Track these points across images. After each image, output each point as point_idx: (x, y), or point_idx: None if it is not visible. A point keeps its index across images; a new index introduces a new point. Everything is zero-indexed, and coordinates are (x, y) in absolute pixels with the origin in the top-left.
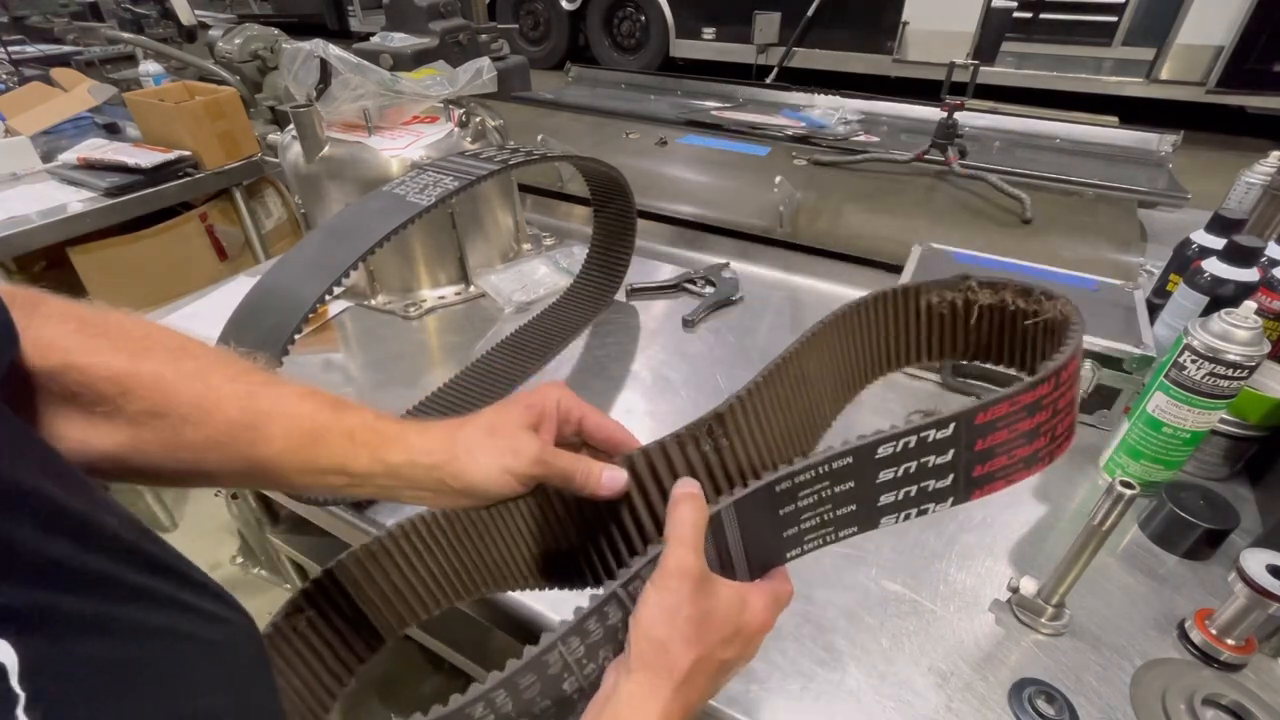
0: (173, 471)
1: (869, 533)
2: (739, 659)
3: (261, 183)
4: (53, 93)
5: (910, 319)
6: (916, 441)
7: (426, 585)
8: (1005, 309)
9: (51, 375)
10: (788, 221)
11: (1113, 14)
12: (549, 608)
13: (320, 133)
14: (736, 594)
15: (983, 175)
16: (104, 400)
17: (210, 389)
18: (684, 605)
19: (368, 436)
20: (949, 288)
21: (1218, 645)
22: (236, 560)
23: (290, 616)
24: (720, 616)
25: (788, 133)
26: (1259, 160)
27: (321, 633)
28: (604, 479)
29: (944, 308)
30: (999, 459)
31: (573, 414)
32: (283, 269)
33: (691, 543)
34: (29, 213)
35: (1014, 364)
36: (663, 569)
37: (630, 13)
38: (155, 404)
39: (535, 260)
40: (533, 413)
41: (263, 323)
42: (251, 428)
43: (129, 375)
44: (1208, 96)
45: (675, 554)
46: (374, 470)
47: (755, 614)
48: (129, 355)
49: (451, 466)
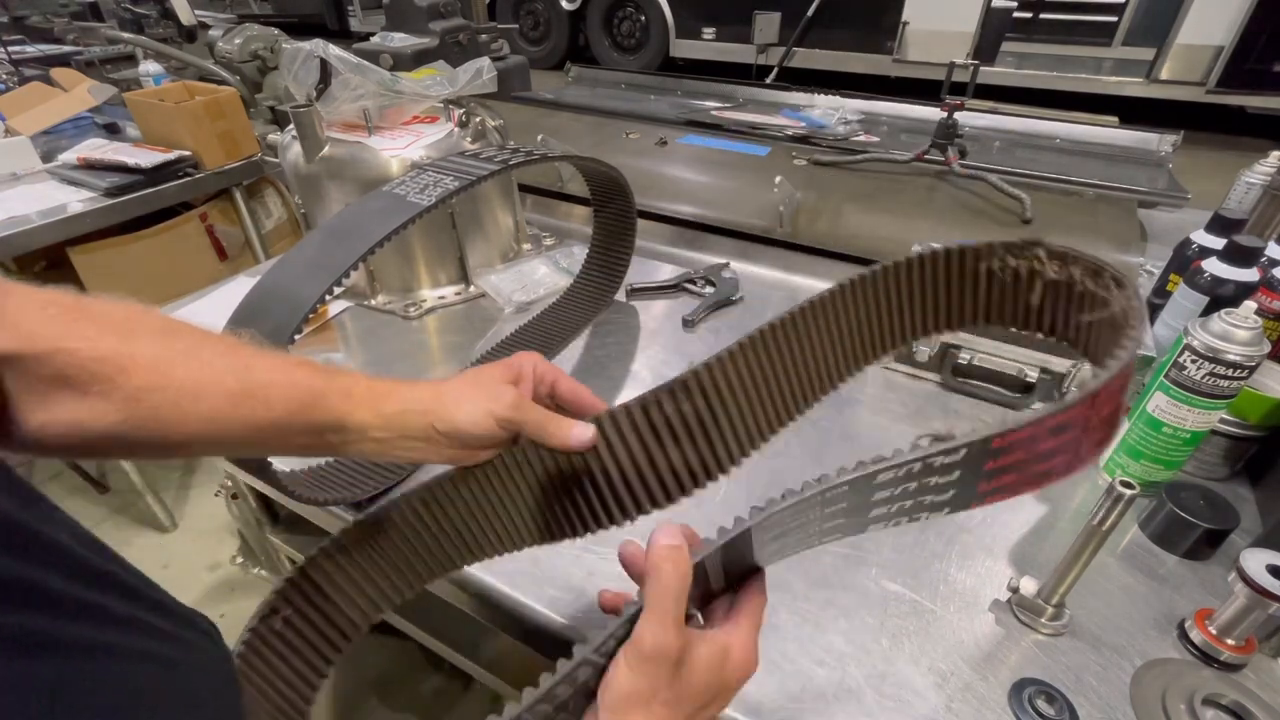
0: (175, 444)
1: (869, 533)
2: (720, 708)
3: (261, 183)
4: (53, 93)
5: (968, 283)
6: (921, 467)
7: (399, 569)
8: (1072, 288)
9: (38, 360)
10: (788, 221)
11: (1113, 14)
12: (548, 607)
13: (320, 133)
14: (718, 651)
15: (983, 175)
16: (99, 379)
17: (205, 364)
18: (660, 690)
19: (363, 393)
20: (1014, 253)
21: (1218, 645)
22: (236, 560)
23: (267, 619)
24: (699, 685)
25: (788, 133)
26: (1259, 160)
27: (299, 629)
28: (574, 431)
29: (1007, 274)
30: (1007, 476)
31: (547, 377)
32: (283, 269)
33: (673, 616)
34: (29, 213)
35: (1069, 343)
36: (639, 647)
37: (630, 13)
38: (153, 381)
39: (535, 260)
40: (511, 371)
41: (263, 323)
42: (250, 396)
43: (123, 355)
44: (1208, 96)
45: (653, 631)
46: (370, 423)
47: (737, 665)
48: (118, 336)
49: (440, 412)
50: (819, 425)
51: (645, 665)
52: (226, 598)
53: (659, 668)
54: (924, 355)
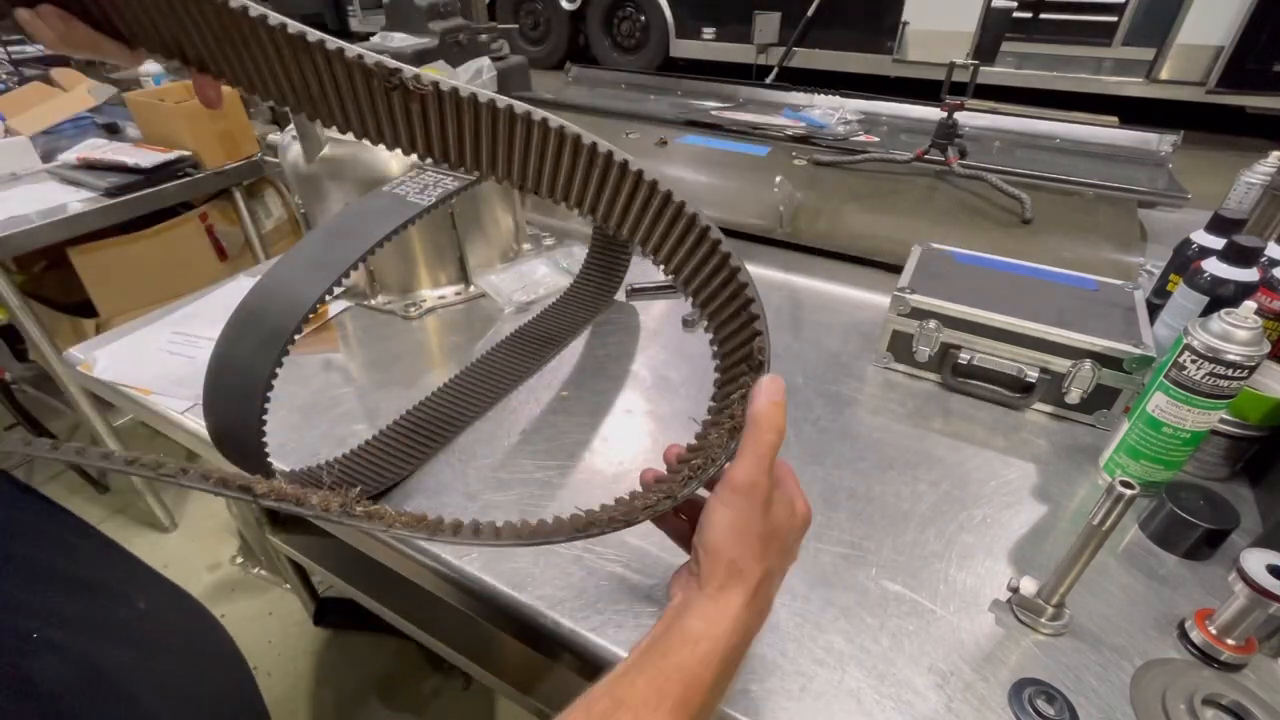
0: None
1: (869, 532)
2: (791, 560)
3: (261, 183)
4: (53, 93)
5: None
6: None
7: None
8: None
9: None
10: (788, 221)
11: (1113, 14)
12: (548, 607)
13: (320, 133)
14: (788, 501)
15: (983, 175)
16: None
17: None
18: (754, 523)
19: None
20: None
21: (1218, 645)
22: (236, 560)
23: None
24: (782, 528)
25: (788, 133)
26: (1259, 160)
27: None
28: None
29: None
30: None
31: None
32: (283, 269)
33: (767, 461)
34: (29, 213)
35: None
36: (733, 482)
37: (630, 13)
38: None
39: (535, 260)
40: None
41: (263, 323)
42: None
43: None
44: (1208, 96)
45: (746, 469)
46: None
47: (802, 516)
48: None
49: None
50: (819, 425)
51: (737, 498)
52: (227, 598)
53: (750, 501)
54: (924, 355)
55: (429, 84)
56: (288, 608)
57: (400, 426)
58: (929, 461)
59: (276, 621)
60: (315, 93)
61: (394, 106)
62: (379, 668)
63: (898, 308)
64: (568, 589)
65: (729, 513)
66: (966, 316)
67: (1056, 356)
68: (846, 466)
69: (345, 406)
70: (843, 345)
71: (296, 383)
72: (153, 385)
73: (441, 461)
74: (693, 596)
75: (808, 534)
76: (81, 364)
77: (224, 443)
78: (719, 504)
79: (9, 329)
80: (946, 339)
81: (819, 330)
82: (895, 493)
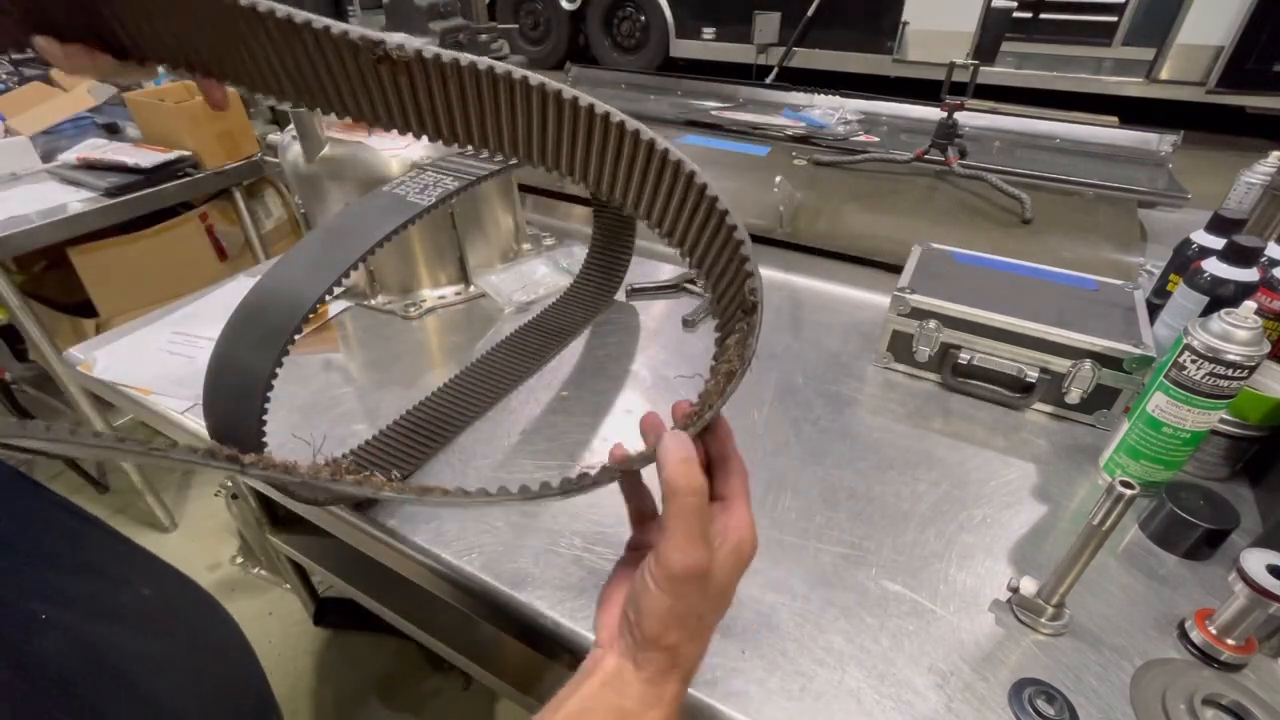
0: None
1: (869, 532)
2: (729, 603)
3: (261, 183)
4: (53, 92)
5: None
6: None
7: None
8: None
9: None
10: (788, 221)
11: (1113, 14)
12: (548, 607)
13: (320, 133)
14: (733, 547)
15: (983, 175)
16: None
17: None
18: (695, 605)
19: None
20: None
21: (1218, 645)
22: (236, 560)
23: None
24: (727, 585)
25: (788, 133)
26: (1259, 160)
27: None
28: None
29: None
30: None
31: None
32: (283, 269)
33: (698, 533)
34: (29, 213)
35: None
36: (669, 570)
37: (630, 13)
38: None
39: (535, 260)
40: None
41: (263, 322)
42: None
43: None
44: (1208, 96)
45: (682, 551)
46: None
47: (746, 554)
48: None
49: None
50: (819, 425)
51: (678, 586)
52: (227, 598)
53: (691, 585)
54: (924, 355)
55: (412, 51)
56: (288, 608)
57: (400, 426)
58: (929, 461)
59: (276, 621)
60: (310, 77)
61: (384, 81)
62: (379, 668)
63: (898, 308)
64: (568, 589)
65: (668, 600)
66: (966, 316)
67: (1056, 356)
68: (846, 466)
69: (345, 406)
70: (843, 345)
71: (296, 383)
72: (153, 385)
73: (441, 461)
74: (626, 672)
75: (808, 534)
76: (81, 364)
77: (224, 443)
78: (658, 590)
79: (9, 329)
80: (946, 339)
81: (819, 330)
82: (895, 493)
